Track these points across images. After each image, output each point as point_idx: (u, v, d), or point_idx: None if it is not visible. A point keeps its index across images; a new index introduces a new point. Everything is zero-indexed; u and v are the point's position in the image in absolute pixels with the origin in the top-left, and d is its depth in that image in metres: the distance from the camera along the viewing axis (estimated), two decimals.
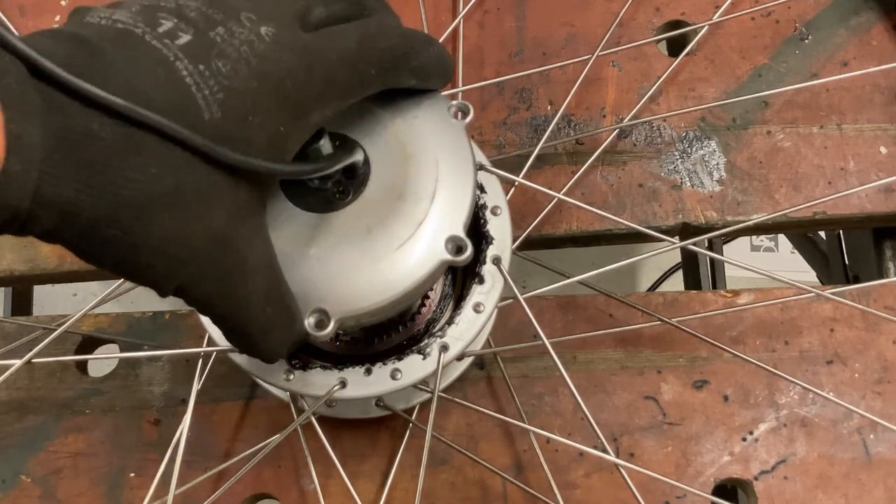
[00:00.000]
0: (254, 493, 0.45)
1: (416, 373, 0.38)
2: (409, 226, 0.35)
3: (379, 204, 0.35)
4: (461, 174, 0.37)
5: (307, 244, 0.35)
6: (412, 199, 0.35)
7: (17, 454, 0.46)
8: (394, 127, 0.37)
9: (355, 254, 0.35)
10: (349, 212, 0.35)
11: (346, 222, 0.35)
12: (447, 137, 0.37)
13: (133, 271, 0.27)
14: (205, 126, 0.26)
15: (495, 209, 0.40)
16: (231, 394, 0.46)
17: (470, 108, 0.38)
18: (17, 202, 0.23)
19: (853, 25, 0.51)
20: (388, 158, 0.36)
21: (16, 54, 0.23)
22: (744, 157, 0.49)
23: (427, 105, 0.38)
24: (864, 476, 0.44)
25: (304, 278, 0.34)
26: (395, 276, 0.35)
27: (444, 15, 0.53)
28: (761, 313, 0.47)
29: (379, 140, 0.36)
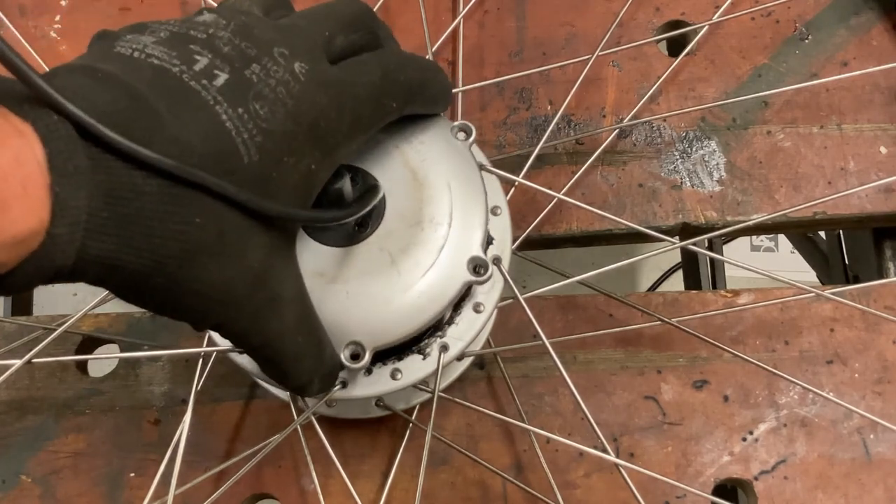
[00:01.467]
0: (254, 492, 0.45)
1: (416, 373, 0.38)
2: (431, 252, 0.36)
3: (398, 233, 0.36)
4: (473, 195, 0.37)
5: (333, 279, 0.35)
6: (430, 225, 0.36)
7: (17, 454, 0.46)
8: (401, 154, 0.37)
9: (383, 284, 0.35)
10: (370, 243, 0.36)
11: (369, 254, 0.36)
12: (454, 159, 0.38)
13: (174, 313, 0.28)
14: (244, 170, 0.26)
15: (495, 209, 0.40)
16: (231, 394, 0.46)
17: (472, 129, 0.39)
18: (62, 262, 0.23)
19: (853, 25, 0.51)
20: (401, 186, 0.37)
21: (65, 116, 0.23)
22: (744, 157, 0.49)
23: (430, 129, 0.38)
24: (864, 476, 0.44)
25: (334, 312, 0.35)
26: (424, 302, 0.36)
27: (444, 15, 0.53)
28: (761, 313, 0.47)
29: (389, 168, 0.37)
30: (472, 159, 0.38)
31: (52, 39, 0.54)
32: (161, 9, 0.54)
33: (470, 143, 0.39)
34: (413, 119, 0.38)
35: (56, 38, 0.54)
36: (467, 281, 0.36)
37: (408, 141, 0.38)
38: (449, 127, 0.39)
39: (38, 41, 0.54)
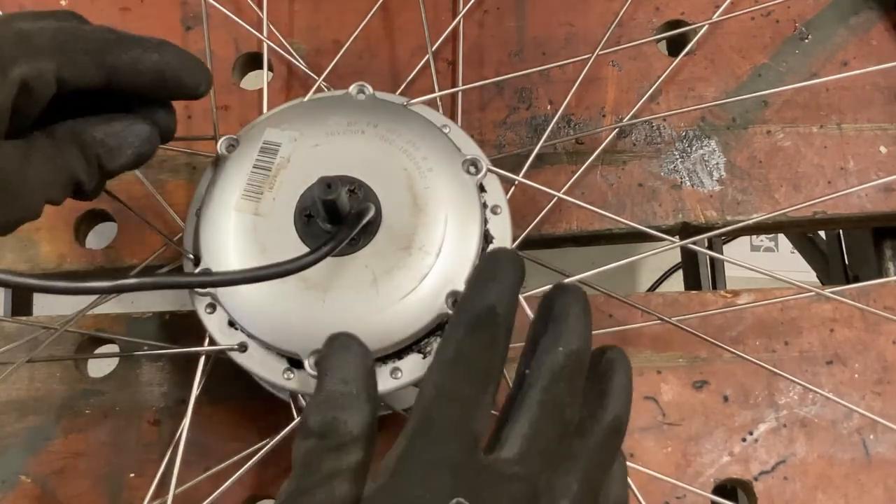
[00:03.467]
0: (253, 493, 0.45)
1: (416, 372, 0.38)
2: (413, 279, 0.37)
3: (386, 253, 0.37)
4: (467, 233, 0.38)
5: (314, 286, 0.36)
6: (418, 252, 0.37)
7: (17, 454, 0.46)
8: (407, 177, 0.38)
9: (359, 302, 0.36)
10: (358, 258, 0.37)
11: (354, 269, 0.37)
12: (458, 194, 0.39)
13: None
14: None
15: (495, 208, 0.40)
16: (231, 393, 0.46)
17: (482, 164, 0.39)
18: None
19: (853, 25, 0.51)
20: (399, 208, 0.38)
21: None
22: (744, 157, 0.49)
23: (442, 158, 0.39)
24: (863, 476, 0.44)
25: (308, 319, 0.36)
26: (395, 326, 0.36)
27: (444, 14, 0.53)
28: (761, 314, 0.46)
29: (392, 188, 0.38)
30: (476, 197, 0.39)
31: None
32: (161, 9, 0.54)
33: (477, 180, 0.39)
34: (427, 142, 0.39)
35: None
36: (443, 314, 0.36)
37: (417, 166, 0.39)
38: (461, 160, 0.39)
39: None
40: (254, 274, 0.34)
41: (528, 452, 0.30)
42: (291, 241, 0.37)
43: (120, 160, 0.36)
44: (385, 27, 0.52)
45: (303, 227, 0.38)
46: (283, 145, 0.40)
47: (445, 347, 0.32)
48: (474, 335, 0.32)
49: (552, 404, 0.31)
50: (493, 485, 0.29)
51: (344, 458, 0.30)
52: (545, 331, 0.33)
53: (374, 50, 0.52)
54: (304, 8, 0.53)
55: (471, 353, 0.32)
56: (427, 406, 0.31)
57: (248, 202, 0.39)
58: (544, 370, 0.32)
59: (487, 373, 0.32)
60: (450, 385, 0.31)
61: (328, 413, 0.31)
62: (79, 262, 0.49)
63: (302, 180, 0.38)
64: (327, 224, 0.37)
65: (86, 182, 0.36)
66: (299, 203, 0.38)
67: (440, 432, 0.30)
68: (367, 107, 0.41)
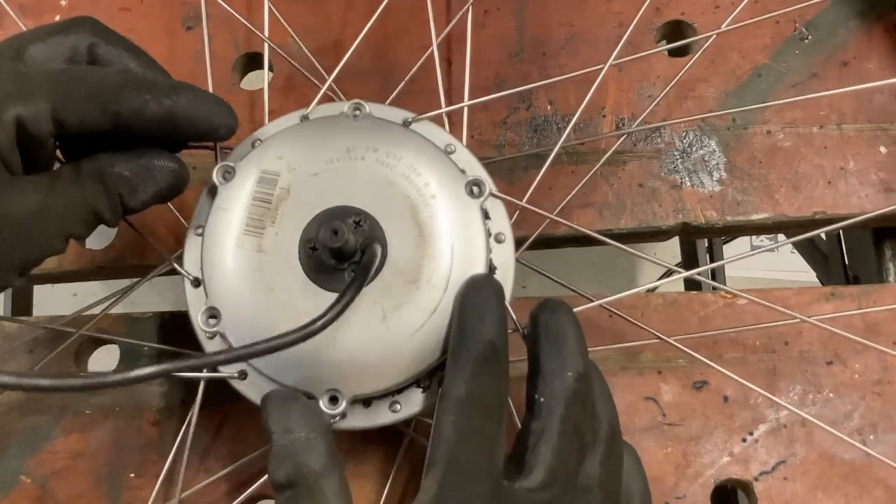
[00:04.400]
0: (253, 494, 0.45)
1: (414, 406, 0.38)
2: (423, 313, 0.36)
3: (394, 288, 0.37)
4: (474, 261, 0.38)
5: None
6: (426, 285, 0.37)
7: (17, 454, 0.46)
8: (411, 206, 0.38)
9: (371, 339, 0.36)
10: (366, 294, 0.36)
11: (362, 306, 0.36)
12: (462, 221, 0.38)
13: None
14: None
15: (499, 236, 0.39)
16: (231, 396, 0.46)
17: (485, 185, 0.39)
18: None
19: (853, 25, 0.51)
20: (405, 241, 0.37)
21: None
22: (744, 157, 0.49)
23: (444, 182, 0.38)
24: (864, 476, 0.44)
25: (319, 357, 0.36)
26: (407, 361, 0.36)
27: (444, 15, 0.53)
28: (761, 314, 0.46)
29: (397, 219, 0.37)
30: (481, 222, 0.38)
31: None
32: (161, 9, 0.54)
33: (482, 201, 0.39)
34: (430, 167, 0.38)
35: None
36: None
37: (420, 193, 0.38)
38: (463, 182, 0.39)
39: None
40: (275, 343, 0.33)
41: (553, 479, 0.32)
42: (299, 279, 0.37)
43: (140, 197, 0.36)
44: (385, 27, 0.52)
45: (308, 262, 0.37)
46: (281, 175, 0.38)
47: (455, 387, 0.33)
48: (483, 372, 0.33)
49: (572, 430, 0.33)
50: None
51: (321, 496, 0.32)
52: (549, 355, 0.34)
53: (375, 50, 0.52)
54: (304, 8, 0.53)
55: (483, 391, 0.33)
56: (452, 448, 0.32)
57: (251, 238, 0.38)
58: (558, 397, 0.33)
59: (501, 407, 0.33)
60: (470, 424, 0.32)
61: (287, 464, 0.32)
62: (79, 262, 0.49)
63: (304, 213, 0.38)
64: (332, 260, 0.37)
65: (109, 219, 0.36)
66: (303, 236, 0.38)
67: (470, 472, 0.31)
68: (365, 129, 0.40)
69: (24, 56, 0.35)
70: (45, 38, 0.36)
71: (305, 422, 0.33)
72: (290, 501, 0.32)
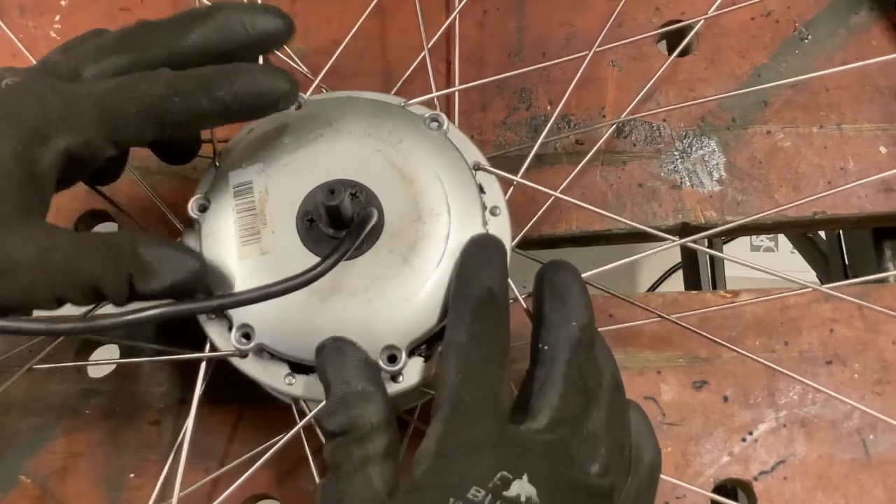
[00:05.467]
0: (253, 493, 0.45)
1: (417, 375, 0.38)
2: (438, 242, 0.37)
3: (402, 232, 0.38)
4: (462, 179, 0.39)
5: (353, 291, 0.37)
6: (430, 217, 0.38)
7: (16, 454, 0.46)
8: (384, 156, 0.39)
9: (400, 285, 0.37)
10: (379, 248, 0.37)
11: (380, 258, 0.37)
12: (436, 150, 0.39)
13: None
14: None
15: (494, 209, 0.40)
16: (231, 395, 0.46)
17: (443, 118, 0.40)
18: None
19: (853, 25, 0.51)
20: (392, 187, 0.38)
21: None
22: (743, 157, 0.49)
23: (403, 126, 0.40)
24: (863, 476, 0.44)
25: (361, 322, 0.36)
26: (443, 291, 0.37)
27: (442, 14, 0.53)
28: (761, 314, 0.46)
29: (376, 172, 0.39)
30: (452, 147, 0.40)
31: (52, 39, 0.54)
32: (161, 9, 0.54)
33: (445, 131, 0.40)
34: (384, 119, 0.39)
35: (56, 37, 0.54)
36: None
37: (386, 142, 0.39)
38: (421, 120, 0.40)
39: (38, 41, 0.54)
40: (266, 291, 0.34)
41: (559, 422, 0.32)
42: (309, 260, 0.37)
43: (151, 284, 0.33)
44: (384, 27, 0.53)
45: (310, 241, 0.38)
46: (253, 180, 0.39)
47: (456, 332, 0.33)
48: (482, 317, 0.34)
49: (576, 376, 0.33)
50: (530, 455, 0.31)
51: (371, 446, 0.31)
52: (553, 307, 0.35)
53: (374, 50, 0.52)
54: (304, 8, 0.53)
55: (484, 334, 0.33)
56: (456, 390, 0.32)
57: (250, 246, 0.38)
58: (563, 345, 0.33)
59: (503, 350, 0.34)
60: (473, 366, 0.33)
61: (342, 415, 0.32)
62: None
63: (290, 202, 0.38)
64: (330, 229, 0.37)
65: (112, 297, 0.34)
66: (298, 218, 0.38)
67: (474, 412, 0.31)
68: (315, 110, 0.41)
69: (80, 77, 0.35)
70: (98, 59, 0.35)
71: (363, 374, 0.33)
72: (339, 446, 0.32)
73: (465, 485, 0.29)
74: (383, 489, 0.31)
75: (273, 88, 0.36)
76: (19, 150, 0.32)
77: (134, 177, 0.46)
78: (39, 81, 0.34)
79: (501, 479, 0.29)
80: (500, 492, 0.29)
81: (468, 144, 0.42)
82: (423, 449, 0.31)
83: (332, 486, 0.31)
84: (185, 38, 0.36)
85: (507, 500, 0.29)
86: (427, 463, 0.31)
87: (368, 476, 0.31)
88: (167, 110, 0.34)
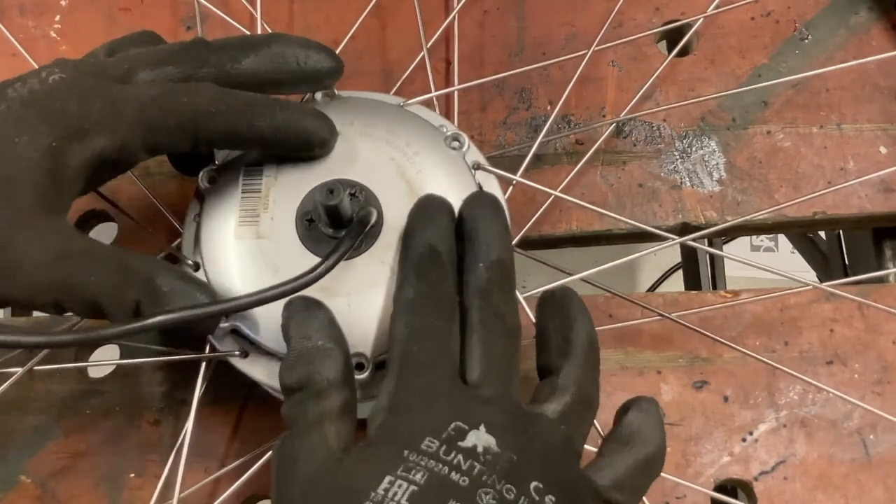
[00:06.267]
0: (253, 493, 0.45)
1: None
2: None
3: (397, 245, 0.37)
4: None
5: (335, 293, 0.36)
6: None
7: (16, 454, 0.46)
8: (396, 166, 0.39)
9: (384, 296, 0.36)
10: (370, 255, 0.37)
11: (370, 266, 0.37)
12: (449, 170, 0.39)
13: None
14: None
15: None
16: (231, 395, 0.46)
17: (465, 138, 0.40)
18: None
19: (853, 25, 0.51)
20: (398, 199, 0.38)
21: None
22: (744, 157, 0.49)
23: (423, 140, 0.40)
24: (863, 476, 0.44)
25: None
26: None
27: (441, 14, 0.53)
28: (761, 314, 0.46)
29: (385, 181, 0.38)
30: (467, 169, 0.40)
31: (52, 39, 0.54)
32: (161, 9, 0.54)
33: (463, 152, 0.40)
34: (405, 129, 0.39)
35: (56, 38, 0.54)
36: None
37: (402, 153, 0.39)
38: (442, 137, 0.40)
39: (37, 41, 0.54)
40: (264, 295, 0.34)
41: (489, 369, 0.32)
42: (301, 256, 0.37)
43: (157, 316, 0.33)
44: (384, 27, 0.53)
45: (308, 239, 0.38)
46: (265, 164, 0.39)
47: (403, 290, 0.33)
48: (427, 273, 0.34)
49: (491, 318, 0.33)
50: (483, 405, 0.30)
51: (327, 402, 0.31)
52: (465, 250, 0.34)
53: (373, 50, 0.52)
54: (303, 8, 0.53)
55: (429, 290, 0.33)
56: (405, 344, 0.32)
57: (247, 228, 0.38)
58: (472, 290, 0.33)
59: (450, 305, 0.33)
60: (420, 321, 0.32)
61: (300, 370, 0.32)
62: None
63: (296, 193, 0.39)
64: (329, 229, 0.37)
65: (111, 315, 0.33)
66: (298, 215, 0.38)
67: (425, 365, 0.31)
68: (338, 107, 0.41)
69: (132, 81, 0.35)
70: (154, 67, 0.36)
71: (325, 331, 0.33)
72: (295, 403, 0.31)
73: (419, 436, 0.29)
74: (338, 446, 0.30)
75: (313, 133, 0.37)
76: (54, 146, 0.32)
77: (133, 177, 0.46)
78: (87, 80, 0.34)
79: (456, 429, 0.29)
80: (454, 442, 0.29)
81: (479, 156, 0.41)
82: (376, 405, 0.31)
83: (288, 444, 0.31)
84: (240, 62, 0.37)
85: (462, 450, 0.28)
86: (381, 418, 0.30)
87: (323, 433, 0.30)
88: (205, 127, 0.35)
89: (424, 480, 0.27)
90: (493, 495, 0.27)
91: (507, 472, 0.28)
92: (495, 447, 0.29)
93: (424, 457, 0.28)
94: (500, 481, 0.28)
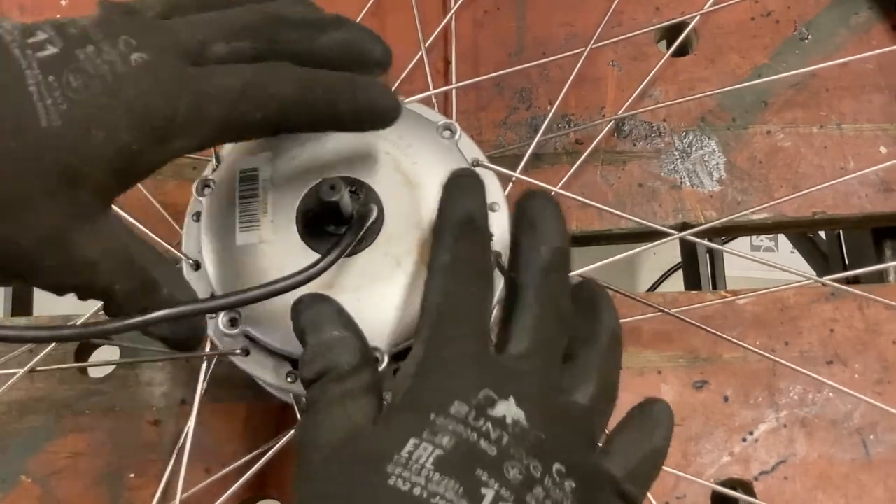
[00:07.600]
0: (254, 493, 0.45)
1: None
2: None
3: (400, 236, 0.37)
4: None
5: (343, 289, 0.36)
6: (430, 225, 0.37)
7: (17, 454, 0.46)
8: (391, 159, 0.39)
9: (393, 288, 0.37)
10: (375, 249, 0.37)
11: (375, 260, 0.37)
12: (444, 159, 0.39)
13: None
14: (40, 132, 0.28)
15: (493, 205, 0.40)
16: (231, 394, 0.46)
17: (456, 127, 0.40)
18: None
19: (853, 25, 0.51)
20: (396, 191, 0.38)
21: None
22: (744, 157, 0.49)
23: (415, 131, 0.39)
24: (864, 476, 0.44)
25: None
26: None
27: (440, 13, 0.52)
28: (761, 314, 0.46)
29: (382, 174, 0.38)
30: (461, 156, 0.40)
31: None
32: None
33: (456, 140, 0.40)
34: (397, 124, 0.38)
35: None
36: None
37: (396, 145, 0.39)
38: (434, 127, 0.40)
39: None
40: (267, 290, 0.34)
41: (536, 346, 0.31)
42: (304, 256, 0.37)
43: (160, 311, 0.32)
44: (383, 26, 0.53)
45: (309, 235, 0.37)
46: (260, 168, 0.39)
47: (440, 255, 0.33)
48: (464, 240, 0.33)
49: (548, 299, 0.32)
50: (515, 378, 0.30)
51: (350, 382, 0.30)
52: (523, 232, 0.34)
53: None
54: None
55: (466, 256, 0.33)
56: (438, 308, 0.31)
57: (249, 233, 0.38)
58: (533, 269, 0.33)
59: (486, 273, 0.33)
60: (455, 287, 0.32)
61: (319, 362, 0.31)
62: None
63: (292, 195, 0.38)
64: (331, 225, 0.37)
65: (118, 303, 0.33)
66: (298, 215, 0.38)
67: (456, 330, 0.31)
68: None
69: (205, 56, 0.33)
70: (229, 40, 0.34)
71: (337, 320, 0.33)
72: (317, 387, 0.31)
73: (448, 400, 0.28)
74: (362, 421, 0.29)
75: (388, 111, 0.35)
76: (134, 148, 0.31)
77: None
78: (170, 65, 0.32)
79: (485, 397, 0.28)
80: (484, 409, 0.28)
81: (477, 152, 0.41)
82: (402, 372, 0.30)
83: (311, 419, 0.30)
84: (317, 41, 0.35)
85: (491, 418, 0.28)
86: (407, 384, 0.29)
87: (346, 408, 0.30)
88: (289, 119, 0.34)
89: (452, 445, 0.27)
90: (520, 469, 0.27)
91: (534, 448, 0.28)
92: (524, 421, 0.28)
93: (452, 421, 0.27)
94: (527, 456, 0.27)
